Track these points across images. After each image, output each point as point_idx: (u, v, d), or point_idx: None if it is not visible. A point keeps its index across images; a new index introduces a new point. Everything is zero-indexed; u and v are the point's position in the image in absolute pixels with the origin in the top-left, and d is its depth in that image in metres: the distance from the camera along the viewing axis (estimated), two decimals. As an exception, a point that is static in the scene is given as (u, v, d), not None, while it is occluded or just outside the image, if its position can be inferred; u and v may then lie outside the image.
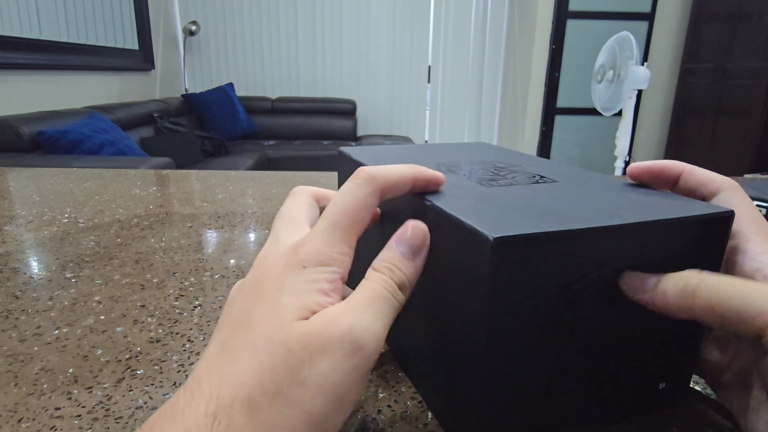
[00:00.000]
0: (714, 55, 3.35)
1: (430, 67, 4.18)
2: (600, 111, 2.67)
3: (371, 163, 0.26)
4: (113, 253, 0.48)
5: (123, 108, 2.82)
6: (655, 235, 0.22)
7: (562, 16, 3.54)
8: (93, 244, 0.50)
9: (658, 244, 0.22)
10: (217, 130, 3.57)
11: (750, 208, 0.24)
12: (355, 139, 3.97)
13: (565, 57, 3.62)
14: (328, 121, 3.91)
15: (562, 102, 3.72)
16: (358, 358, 0.17)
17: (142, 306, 0.37)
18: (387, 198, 0.22)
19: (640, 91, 2.60)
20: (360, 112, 4.10)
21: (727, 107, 3.27)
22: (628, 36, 2.40)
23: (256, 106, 3.89)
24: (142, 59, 3.45)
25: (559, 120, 3.77)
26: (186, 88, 4.08)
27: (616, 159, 2.75)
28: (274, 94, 4.06)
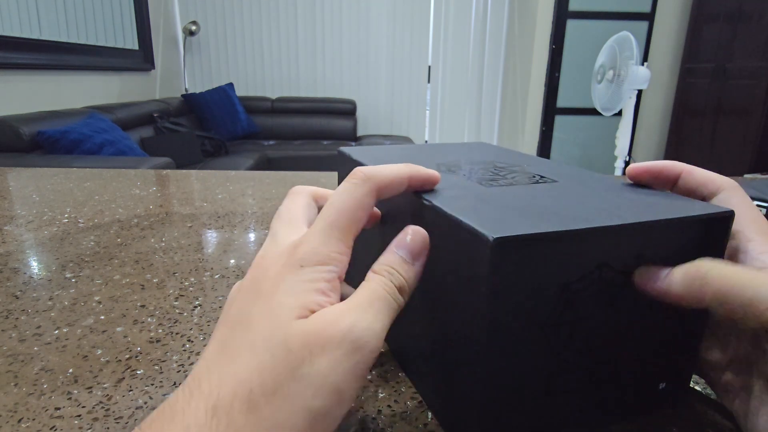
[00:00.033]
0: (714, 55, 3.35)
1: (430, 67, 4.18)
2: (600, 111, 2.67)
3: (371, 163, 0.26)
4: (113, 253, 0.48)
5: (123, 108, 2.82)
6: (655, 235, 0.22)
7: (562, 16, 3.54)
8: (93, 244, 0.50)
9: (658, 244, 0.22)
10: (217, 130, 3.57)
11: (750, 208, 0.24)
12: (355, 139, 3.97)
13: (565, 57, 3.62)
14: (328, 121, 3.91)
15: (562, 102, 3.72)
16: (358, 357, 0.17)
17: (142, 306, 0.37)
18: (384, 197, 0.22)
19: (640, 91, 2.60)
20: (360, 112, 4.10)
21: (727, 107, 3.27)
22: (628, 36, 2.40)
23: (256, 106, 3.89)
24: (142, 59, 3.45)
25: (559, 120, 3.77)
26: (186, 88, 4.08)
27: (616, 159, 2.75)
28: (274, 94, 4.06)
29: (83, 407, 0.26)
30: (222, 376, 0.17)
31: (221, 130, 3.58)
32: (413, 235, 0.21)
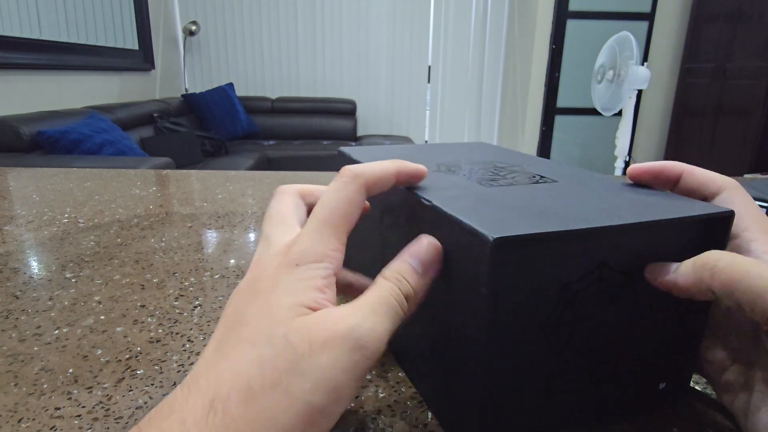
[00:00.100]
0: (714, 55, 3.35)
1: (430, 67, 4.18)
2: (600, 111, 2.67)
3: None
4: (113, 253, 0.48)
5: (123, 108, 2.82)
6: (655, 235, 0.22)
7: (562, 16, 3.54)
8: (93, 244, 0.50)
9: (658, 244, 0.22)
10: (217, 130, 3.57)
11: (752, 207, 0.24)
12: (355, 139, 3.97)
13: (565, 57, 3.62)
14: (328, 121, 3.91)
15: (562, 102, 3.72)
16: (358, 357, 0.17)
17: (142, 306, 0.37)
18: (373, 194, 0.22)
19: (640, 91, 2.60)
20: (360, 112, 4.10)
21: (727, 107, 3.27)
22: (628, 36, 2.40)
23: (256, 106, 3.89)
24: (142, 59, 3.45)
25: (559, 120, 3.77)
26: (186, 88, 4.08)
27: (616, 159, 2.75)
28: (274, 94, 4.06)
29: (83, 407, 0.26)
30: (219, 372, 0.17)
31: (221, 130, 3.58)
32: (427, 246, 0.21)
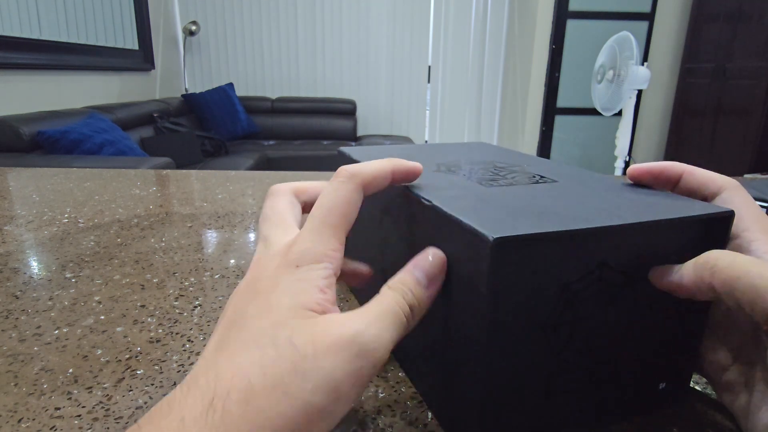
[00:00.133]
0: (714, 55, 3.35)
1: (430, 67, 4.18)
2: (600, 111, 2.67)
3: None
4: (113, 253, 0.48)
5: (123, 108, 2.82)
6: (655, 235, 0.22)
7: (562, 16, 3.54)
8: (93, 244, 0.50)
9: (658, 244, 0.22)
10: (217, 130, 3.57)
11: (753, 207, 0.24)
12: (355, 139, 3.97)
13: (565, 57, 3.62)
14: (328, 121, 3.91)
15: (562, 102, 3.72)
16: (362, 362, 0.17)
17: (142, 306, 0.37)
18: (370, 192, 0.23)
19: (640, 91, 2.60)
20: (360, 112, 4.10)
21: (727, 107, 3.27)
22: (628, 36, 2.40)
23: (256, 106, 3.89)
24: (142, 59, 3.45)
25: (559, 120, 3.77)
26: (186, 88, 4.08)
27: (616, 159, 2.75)
28: (274, 94, 4.06)
29: (83, 407, 0.26)
30: (220, 371, 0.17)
31: (221, 130, 3.58)
32: (433, 258, 0.21)
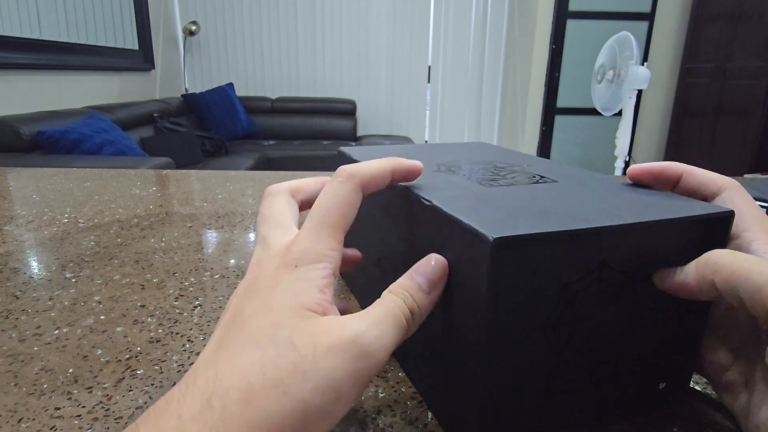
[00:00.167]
0: (714, 55, 3.35)
1: (430, 67, 4.18)
2: (600, 111, 2.67)
3: None
4: (113, 253, 0.48)
5: (123, 108, 2.82)
6: (656, 235, 0.22)
7: (562, 16, 3.54)
8: (93, 244, 0.50)
9: (658, 244, 0.22)
10: (217, 130, 3.57)
11: (753, 207, 0.24)
12: (355, 139, 3.97)
13: (565, 57, 3.62)
14: (328, 121, 3.91)
15: (562, 102, 3.72)
16: (362, 364, 0.17)
17: (142, 306, 0.37)
18: (369, 192, 0.23)
19: (640, 91, 2.60)
20: (360, 112, 4.10)
21: (727, 107, 3.27)
22: (628, 36, 2.40)
23: (256, 106, 3.89)
24: (142, 59, 3.45)
25: (559, 120, 3.77)
26: (186, 88, 4.08)
27: (616, 159, 2.75)
28: (274, 94, 4.06)
29: (83, 407, 0.26)
30: (219, 370, 0.17)
31: (221, 130, 3.58)
32: (435, 263, 0.21)
